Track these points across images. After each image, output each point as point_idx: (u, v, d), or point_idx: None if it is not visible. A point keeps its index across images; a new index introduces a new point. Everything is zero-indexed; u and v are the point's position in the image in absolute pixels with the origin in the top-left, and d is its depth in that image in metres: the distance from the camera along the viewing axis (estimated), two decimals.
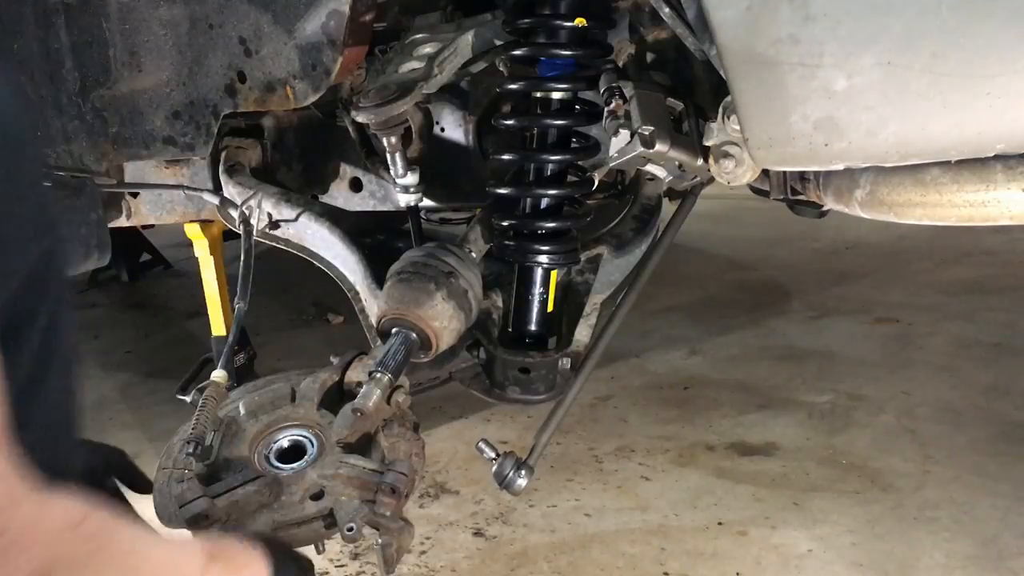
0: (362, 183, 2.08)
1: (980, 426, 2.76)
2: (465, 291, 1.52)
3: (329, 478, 1.30)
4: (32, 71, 1.75)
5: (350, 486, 1.29)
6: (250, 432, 1.39)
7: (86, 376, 3.61)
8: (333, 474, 1.31)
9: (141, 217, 2.08)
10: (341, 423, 1.36)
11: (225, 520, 1.23)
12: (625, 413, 3.03)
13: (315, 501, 1.28)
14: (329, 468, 1.32)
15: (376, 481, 1.29)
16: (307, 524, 1.25)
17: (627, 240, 1.91)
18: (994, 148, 1.19)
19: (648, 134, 1.48)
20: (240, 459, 1.36)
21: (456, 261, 1.54)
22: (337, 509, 1.26)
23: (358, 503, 1.27)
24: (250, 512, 1.26)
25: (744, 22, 1.22)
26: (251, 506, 1.26)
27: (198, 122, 1.76)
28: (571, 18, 1.60)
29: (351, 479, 1.30)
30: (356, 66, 1.70)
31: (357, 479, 1.30)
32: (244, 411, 1.43)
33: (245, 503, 1.26)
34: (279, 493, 1.29)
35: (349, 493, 1.28)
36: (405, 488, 1.30)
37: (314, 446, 1.37)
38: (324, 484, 1.29)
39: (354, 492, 1.28)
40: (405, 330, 1.47)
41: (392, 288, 1.52)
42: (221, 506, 1.24)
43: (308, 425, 1.40)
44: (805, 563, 2.18)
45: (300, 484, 1.30)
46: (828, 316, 3.79)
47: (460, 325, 1.53)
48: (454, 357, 1.75)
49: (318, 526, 1.25)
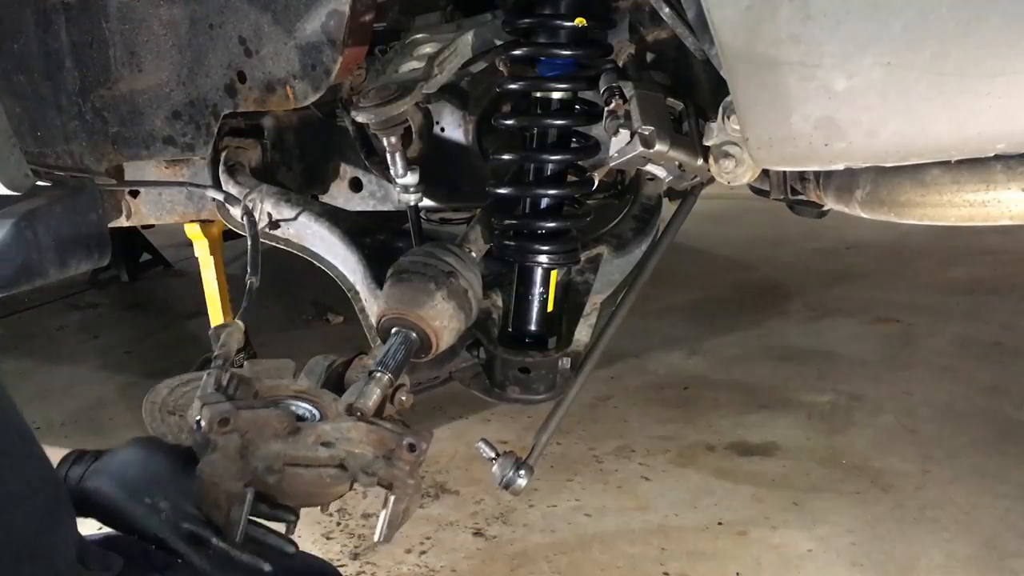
0: (362, 183, 2.08)
1: (980, 426, 2.77)
2: (465, 291, 1.52)
3: (344, 431, 1.27)
4: (32, 71, 1.75)
5: (367, 440, 1.26)
6: (254, 389, 1.37)
7: (86, 376, 3.62)
8: (351, 426, 1.28)
9: (141, 217, 2.08)
10: (353, 392, 1.34)
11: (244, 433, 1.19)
12: (625, 413, 3.03)
13: (327, 448, 1.24)
14: (345, 423, 1.30)
15: (396, 437, 1.28)
16: (316, 468, 1.22)
17: (627, 240, 1.91)
18: (994, 148, 1.18)
19: (648, 134, 1.48)
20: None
21: (456, 261, 1.53)
22: (349, 460, 1.23)
23: (372, 457, 1.25)
24: (265, 437, 1.23)
25: (744, 22, 1.22)
26: (268, 430, 1.23)
27: (198, 122, 1.76)
28: (571, 18, 1.60)
29: (369, 432, 1.27)
30: (356, 66, 1.70)
31: (376, 434, 1.28)
32: (249, 371, 1.41)
33: (264, 424, 1.23)
34: (295, 431, 1.25)
35: (364, 448, 1.26)
36: (422, 450, 1.29)
37: (315, 418, 1.35)
38: (338, 437, 1.26)
39: (369, 448, 1.26)
40: (405, 330, 1.47)
41: (392, 288, 1.52)
42: (242, 417, 1.21)
43: (310, 399, 1.39)
44: (805, 563, 2.18)
45: (314, 432, 1.27)
46: (828, 316, 3.79)
47: (460, 325, 1.52)
48: (454, 357, 1.75)
49: (327, 473, 1.22)
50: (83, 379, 3.61)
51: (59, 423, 3.20)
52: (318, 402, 1.38)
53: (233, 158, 1.97)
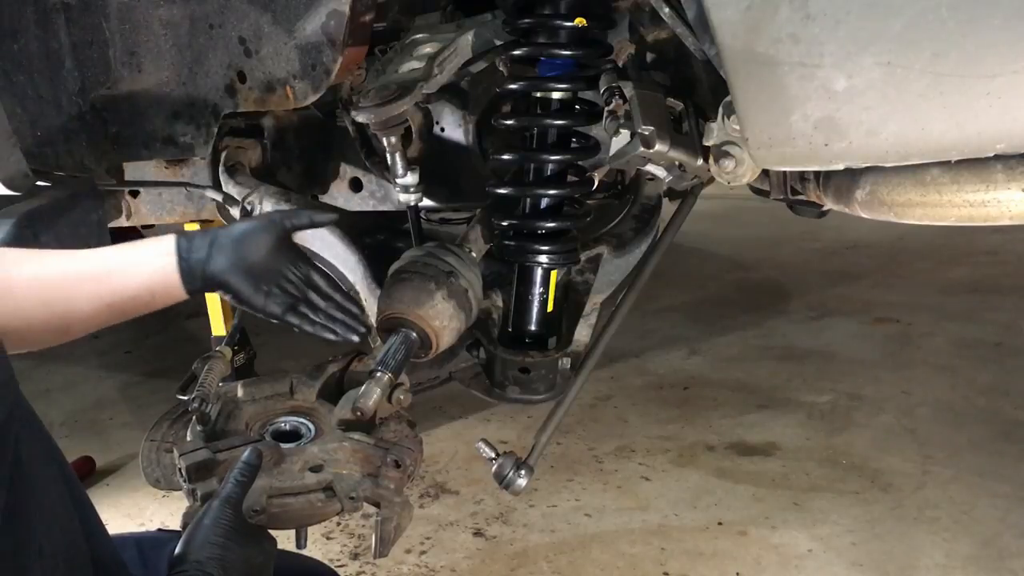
0: (362, 183, 2.07)
1: (980, 426, 2.77)
2: (465, 290, 1.52)
3: (331, 452, 1.28)
4: (32, 71, 1.75)
5: (353, 460, 1.27)
6: (247, 413, 1.38)
7: (86, 376, 3.62)
8: (336, 447, 1.28)
9: (141, 217, 2.08)
10: (345, 405, 1.35)
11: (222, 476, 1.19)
12: (625, 413, 3.03)
13: (315, 473, 1.25)
14: (332, 442, 1.30)
15: (381, 455, 1.28)
16: (305, 495, 1.22)
17: (627, 240, 1.91)
18: (994, 148, 1.18)
19: (648, 134, 1.48)
20: (238, 432, 1.34)
21: (456, 261, 1.53)
22: (337, 482, 1.24)
23: (360, 476, 1.26)
24: None
25: (744, 22, 1.22)
26: None
27: (198, 122, 1.76)
28: (571, 18, 1.60)
29: (355, 452, 1.28)
30: (356, 66, 1.70)
31: (361, 452, 1.28)
32: (242, 393, 1.41)
33: None
34: (279, 460, 1.25)
35: (351, 468, 1.26)
36: (409, 465, 1.29)
37: (311, 432, 1.35)
38: (325, 458, 1.27)
39: (356, 467, 1.26)
40: (405, 329, 1.47)
41: (392, 287, 1.52)
42: (222, 460, 1.21)
43: (306, 412, 1.39)
44: (805, 563, 2.18)
45: (300, 457, 1.27)
46: (828, 316, 3.79)
47: (460, 324, 1.52)
48: (454, 357, 1.75)
49: (316, 498, 1.22)
50: (83, 379, 3.61)
51: (59, 423, 3.20)
52: (313, 416, 1.38)
53: (233, 158, 1.96)
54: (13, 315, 1.12)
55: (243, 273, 1.21)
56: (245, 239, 1.23)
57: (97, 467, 2.90)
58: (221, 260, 1.20)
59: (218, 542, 1.06)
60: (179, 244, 1.19)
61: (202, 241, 1.20)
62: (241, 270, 1.21)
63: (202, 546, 1.05)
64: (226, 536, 1.07)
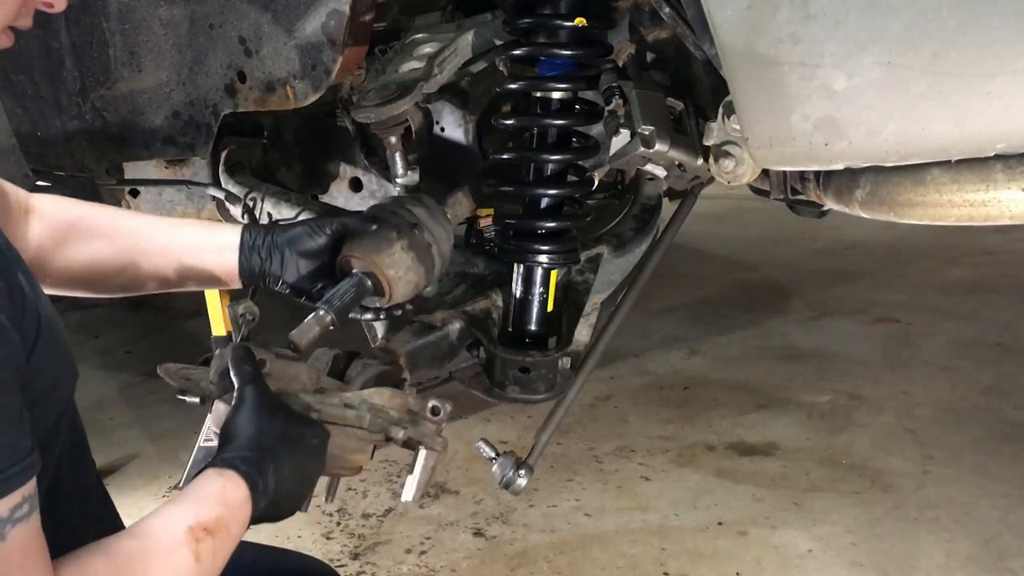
0: (362, 183, 2.07)
1: (980, 426, 2.77)
2: (429, 245, 1.47)
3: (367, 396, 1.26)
4: (32, 71, 1.75)
5: (389, 405, 1.26)
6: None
7: (86, 376, 3.62)
8: (372, 391, 1.27)
9: None
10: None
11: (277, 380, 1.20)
12: (625, 413, 3.03)
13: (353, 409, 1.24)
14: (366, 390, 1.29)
15: (420, 401, 1.27)
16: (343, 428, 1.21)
17: (627, 240, 1.91)
18: (994, 148, 1.18)
19: (648, 134, 1.48)
20: None
21: (425, 214, 1.48)
22: (376, 420, 1.23)
23: (398, 416, 1.25)
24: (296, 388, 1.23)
25: (744, 21, 1.22)
26: (298, 382, 1.23)
27: (198, 122, 1.76)
28: (571, 18, 1.59)
29: (393, 397, 1.26)
30: (356, 66, 1.70)
31: (398, 398, 1.27)
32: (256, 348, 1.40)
33: (296, 372, 1.24)
34: (320, 390, 1.25)
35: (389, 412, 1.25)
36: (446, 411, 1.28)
37: None
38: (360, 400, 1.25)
39: (394, 412, 1.25)
40: (359, 274, 1.44)
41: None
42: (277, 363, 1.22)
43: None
44: (805, 563, 2.18)
45: (338, 393, 1.26)
46: (828, 316, 3.79)
47: (418, 279, 1.47)
48: (454, 357, 1.75)
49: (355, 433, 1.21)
50: (83, 379, 3.59)
51: None
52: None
53: (233, 158, 1.96)
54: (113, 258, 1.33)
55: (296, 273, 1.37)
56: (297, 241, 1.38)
57: (97, 467, 2.89)
58: (276, 262, 1.37)
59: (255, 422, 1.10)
60: (243, 239, 1.35)
61: (263, 240, 1.36)
62: (294, 266, 1.37)
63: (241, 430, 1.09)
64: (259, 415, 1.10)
